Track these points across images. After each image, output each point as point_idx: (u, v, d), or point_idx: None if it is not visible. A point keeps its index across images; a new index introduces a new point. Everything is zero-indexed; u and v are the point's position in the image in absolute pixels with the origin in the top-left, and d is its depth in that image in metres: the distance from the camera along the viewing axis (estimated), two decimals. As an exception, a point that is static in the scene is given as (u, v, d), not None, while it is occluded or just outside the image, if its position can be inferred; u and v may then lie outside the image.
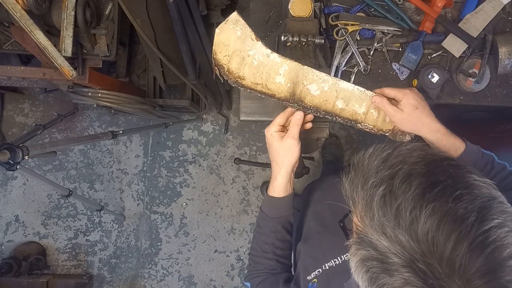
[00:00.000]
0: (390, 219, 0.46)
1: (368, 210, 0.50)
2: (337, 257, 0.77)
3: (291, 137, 0.82)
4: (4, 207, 2.37)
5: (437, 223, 0.43)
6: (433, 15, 1.14)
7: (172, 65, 1.49)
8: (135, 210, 2.37)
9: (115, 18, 1.42)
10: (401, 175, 0.49)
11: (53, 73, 1.38)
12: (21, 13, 1.15)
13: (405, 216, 0.45)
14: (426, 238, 0.43)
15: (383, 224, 0.47)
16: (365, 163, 0.54)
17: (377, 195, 0.48)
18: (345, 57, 1.22)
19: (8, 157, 1.27)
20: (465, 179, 0.47)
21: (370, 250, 0.48)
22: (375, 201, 0.49)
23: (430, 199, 0.45)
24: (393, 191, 0.47)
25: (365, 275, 0.49)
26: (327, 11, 1.22)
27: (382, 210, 0.47)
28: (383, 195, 0.48)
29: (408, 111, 0.80)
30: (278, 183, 0.85)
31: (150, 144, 2.37)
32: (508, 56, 1.16)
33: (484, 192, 0.46)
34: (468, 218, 0.43)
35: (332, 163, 2.21)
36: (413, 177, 0.48)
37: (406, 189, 0.47)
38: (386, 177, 0.50)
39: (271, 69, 0.82)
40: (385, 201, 0.48)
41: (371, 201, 0.49)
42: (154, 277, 2.37)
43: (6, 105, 2.37)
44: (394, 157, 0.52)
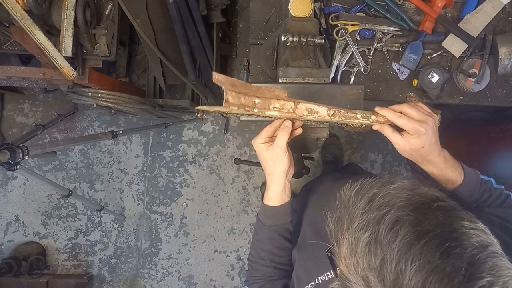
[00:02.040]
0: (375, 271, 0.45)
1: (353, 256, 0.48)
2: (329, 270, 0.75)
3: (278, 147, 0.79)
4: (4, 207, 2.37)
5: (423, 281, 0.41)
6: (433, 15, 1.14)
7: (172, 65, 1.49)
8: (135, 210, 2.37)
9: (115, 18, 1.42)
10: (387, 221, 0.47)
11: (53, 73, 1.38)
12: (21, 13, 1.15)
13: (390, 269, 0.43)
14: None
15: (367, 276, 0.45)
16: (350, 201, 0.53)
17: (362, 242, 0.47)
18: (345, 57, 1.22)
19: (8, 157, 1.27)
20: (454, 227, 0.45)
21: None
22: (360, 247, 0.47)
23: (417, 253, 0.43)
24: (379, 239, 0.46)
25: None
26: (327, 11, 1.22)
27: (367, 258, 0.46)
28: (368, 242, 0.46)
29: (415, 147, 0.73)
30: (272, 192, 0.84)
31: (150, 144, 2.37)
32: (508, 56, 1.16)
33: (474, 242, 0.44)
34: (455, 277, 0.41)
35: (332, 163, 2.21)
36: (399, 225, 0.46)
37: (391, 238, 0.45)
38: (372, 220, 0.48)
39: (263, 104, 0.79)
40: (370, 250, 0.46)
41: (356, 246, 0.48)
42: (154, 277, 2.37)
43: (6, 105, 2.37)
44: (381, 197, 0.50)
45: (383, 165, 2.33)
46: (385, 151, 2.32)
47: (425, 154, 0.74)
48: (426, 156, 0.74)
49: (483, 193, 0.78)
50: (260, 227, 0.88)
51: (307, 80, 1.03)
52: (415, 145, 0.73)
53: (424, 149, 0.73)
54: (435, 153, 0.74)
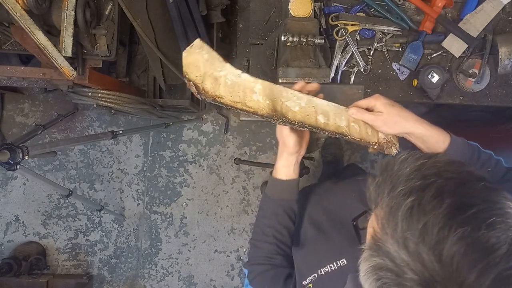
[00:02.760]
0: (415, 234, 0.44)
1: (392, 219, 0.47)
2: (333, 262, 0.76)
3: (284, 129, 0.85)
4: (4, 207, 2.37)
5: (465, 248, 0.41)
6: (433, 15, 1.14)
7: (172, 65, 1.49)
8: (135, 210, 2.37)
9: (115, 18, 1.42)
10: (433, 189, 0.45)
11: (53, 73, 1.38)
12: (21, 13, 1.15)
13: (432, 234, 0.43)
14: (451, 261, 0.41)
15: (406, 237, 0.44)
16: (395, 168, 0.51)
17: (404, 205, 0.46)
18: (345, 57, 1.22)
19: (8, 157, 1.27)
20: (500, 205, 0.45)
21: (385, 260, 0.46)
22: (401, 211, 0.46)
23: (461, 222, 0.42)
24: (422, 205, 0.45)
25: (375, 283, 0.47)
26: (327, 11, 1.22)
27: (407, 222, 0.45)
28: (411, 207, 0.45)
29: (386, 111, 0.80)
30: (279, 164, 0.88)
31: (150, 144, 2.37)
32: (508, 56, 1.16)
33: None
34: (498, 249, 0.41)
35: (332, 163, 2.21)
36: (445, 194, 0.45)
37: (436, 205, 0.44)
38: (417, 188, 0.46)
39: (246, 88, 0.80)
40: (412, 214, 0.45)
41: (396, 210, 0.46)
42: (154, 277, 2.37)
43: (6, 105, 2.37)
44: (428, 167, 0.49)
45: (383, 165, 2.33)
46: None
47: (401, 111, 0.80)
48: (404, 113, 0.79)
49: (473, 153, 0.80)
50: (266, 202, 0.90)
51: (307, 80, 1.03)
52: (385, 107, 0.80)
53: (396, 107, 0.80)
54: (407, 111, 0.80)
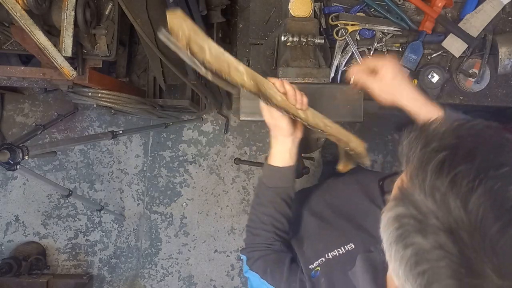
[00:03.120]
0: (444, 183, 0.43)
1: (421, 171, 0.46)
2: (340, 247, 0.76)
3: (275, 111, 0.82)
4: (4, 207, 2.37)
5: (492, 201, 0.41)
6: (433, 15, 1.14)
7: (172, 65, 1.49)
8: (135, 210, 2.37)
9: (115, 18, 1.42)
10: (467, 147, 0.45)
11: (53, 73, 1.38)
12: (21, 13, 1.15)
13: (461, 185, 0.42)
14: (477, 211, 0.41)
15: (435, 187, 0.44)
16: (431, 127, 0.50)
17: (436, 160, 0.45)
18: (345, 57, 1.22)
19: (8, 157, 1.28)
20: None
21: (410, 209, 0.46)
22: (432, 164, 0.45)
23: (493, 176, 0.42)
24: (454, 160, 0.44)
25: (395, 231, 0.47)
26: (327, 11, 1.22)
27: (437, 174, 0.44)
28: (442, 161, 0.45)
29: (387, 80, 0.81)
30: (275, 150, 0.85)
31: (150, 144, 2.37)
32: (508, 56, 1.16)
33: None
34: None
35: (332, 163, 2.21)
36: (479, 152, 0.44)
37: (469, 161, 0.44)
38: (451, 145, 0.46)
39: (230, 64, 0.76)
40: (442, 168, 0.44)
41: (427, 164, 0.46)
42: (154, 277, 2.37)
43: (6, 105, 2.37)
44: (465, 129, 0.48)
45: (383, 165, 2.33)
46: (385, 151, 2.32)
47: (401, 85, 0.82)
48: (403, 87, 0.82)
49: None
50: (262, 189, 0.88)
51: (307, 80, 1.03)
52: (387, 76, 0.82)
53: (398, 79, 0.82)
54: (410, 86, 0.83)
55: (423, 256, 0.43)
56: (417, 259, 0.44)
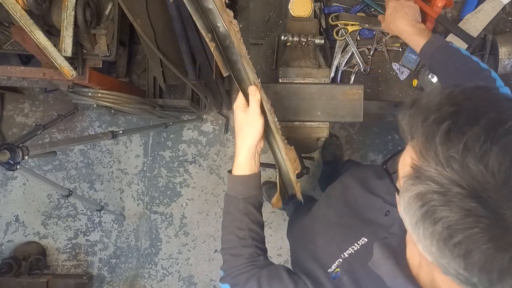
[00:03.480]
0: (459, 151, 0.43)
1: (430, 145, 0.46)
2: (354, 244, 0.76)
3: (251, 113, 0.83)
4: (4, 207, 2.37)
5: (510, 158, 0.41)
6: (433, 15, 1.14)
7: (172, 65, 1.49)
8: (135, 210, 2.37)
9: (115, 18, 1.42)
10: (466, 111, 0.45)
11: (53, 73, 1.38)
12: (21, 13, 1.15)
13: (475, 150, 0.42)
14: (499, 169, 0.41)
15: (450, 156, 0.44)
16: (423, 101, 0.50)
17: (441, 130, 0.45)
18: (345, 57, 1.22)
19: (8, 157, 1.27)
20: None
21: (430, 184, 0.45)
22: (439, 136, 0.45)
23: (502, 134, 0.42)
24: (459, 126, 0.44)
25: (419, 209, 0.46)
26: (327, 11, 1.22)
27: (447, 144, 0.44)
28: (448, 130, 0.45)
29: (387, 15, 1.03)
30: (242, 159, 0.85)
31: (150, 144, 2.37)
32: (508, 56, 1.16)
33: None
34: None
35: (332, 163, 2.21)
36: (480, 113, 0.44)
37: (474, 123, 0.44)
38: (450, 113, 0.46)
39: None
40: (450, 137, 0.44)
41: (433, 137, 0.46)
42: (154, 277, 2.37)
43: (6, 105, 2.37)
44: (457, 94, 0.49)
45: (383, 165, 2.33)
46: (385, 151, 2.32)
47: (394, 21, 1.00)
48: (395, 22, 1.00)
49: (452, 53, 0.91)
50: (233, 204, 0.86)
51: (307, 80, 1.03)
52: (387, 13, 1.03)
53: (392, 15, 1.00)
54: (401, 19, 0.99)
55: (455, 228, 0.42)
56: (450, 232, 0.43)
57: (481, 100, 0.47)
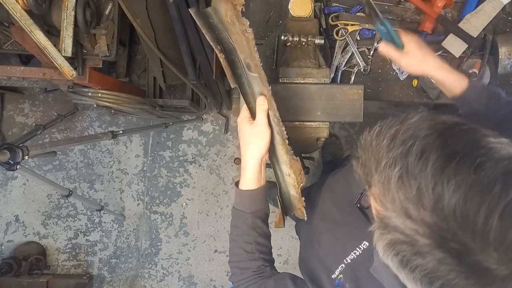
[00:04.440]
0: (413, 200, 0.44)
1: (387, 193, 0.47)
2: (356, 248, 0.75)
3: (259, 124, 0.80)
4: (4, 207, 2.37)
5: (463, 197, 0.41)
6: (433, 15, 1.14)
7: (172, 65, 1.49)
8: (135, 210, 2.37)
9: (115, 18, 1.42)
10: (414, 152, 0.45)
11: (53, 73, 1.38)
12: (21, 13, 1.15)
13: (428, 195, 0.43)
14: (454, 215, 0.41)
15: (406, 207, 0.45)
16: (373, 144, 0.51)
17: (394, 177, 0.46)
18: (345, 57, 1.22)
19: (8, 157, 1.27)
20: (481, 144, 0.45)
21: (396, 234, 0.46)
22: (392, 183, 0.46)
23: (451, 173, 0.42)
24: (410, 171, 0.45)
25: (395, 258, 0.47)
26: (327, 11, 1.22)
27: (402, 191, 0.45)
28: (400, 176, 0.45)
29: (413, 52, 0.89)
30: (250, 173, 0.83)
31: (150, 144, 2.37)
32: (508, 56, 1.16)
33: (504, 154, 0.44)
34: (494, 187, 0.41)
35: (332, 163, 2.21)
36: (427, 152, 0.45)
37: (423, 166, 0.44)
38: (399, 155, 0.46)
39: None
40: (403, 183, 0.45)
41: (388, 184, 0.47)
42: (154, 277, 2.37)
43: (6, 105, 2.37)
44: (403, 132, 0.49)
45: (383, 165, 2.33)
46: (385, 151, 2.32)
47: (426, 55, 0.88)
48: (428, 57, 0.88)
49: (490, 97, 0.85)
50: (241, 218, 0.86)
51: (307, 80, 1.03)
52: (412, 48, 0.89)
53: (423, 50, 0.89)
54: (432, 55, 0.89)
55: (433, 275, 0.44)
56: (429, 278, 0.44)
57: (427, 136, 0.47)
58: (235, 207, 0.87)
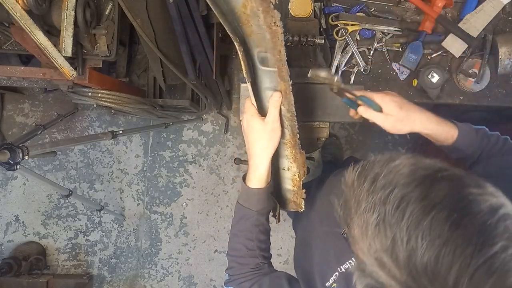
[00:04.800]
0: (387, 251, 0.44)
1: (365, 238, 0.48)
2: (351, 258, 0.75)
3: (272, 120, 0.78)
4: (4, 207, 2.37)
5: (435, 256, 0.41)
6: (433, 15, 1.14)
7: (172, 65, 1.49)
8: (135, 210, 2.37)
9: (115, 18, 1.42)
10: (392, 200, 0.46)
11: (53, 73, 1.38)
12: (21, 13, 1.15)
13: (402, 248, 0.43)
14: (425, 272, 0.42)
15: (381, 256, 0.45)
16: (355, 184, 0.51)
17: (371, 224, 0.46)
18: (345, 57, 1.22)
19: (8, 157, 1.27)
20: (461, 196, 0.44)
21: (372, 281, 0.47)
22: (370, 230, 0.46)
23: (426, 228, 0.42)
24: (387, 220, 0.45)
25: None
26: (327, 11, 1.22)
27: (379, 239, 0.45)
28: (377, 224, 0.46)
29: (395, 114, 0.80)
30: (262, 171, 0.80)
31: (150, 144, 2.37)
32: (508, 56, 1.16)
33: (483, 207, 0.43)
34: (467, 248, 0.40)
35: (332, 163, 2.21)
36: (405, 202, 0.45)
37: (399, 217, 0.44)
38: (378, 201, 0.47)
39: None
40: (379, 231, 0.45)
41: (366, 229, 0.47)
42: (154, 277, 2.37)
43: (6, 105, 2.37)
44: (384, 176, 0.49)
45: (383, 165, 2.33)
46: (385, 151, 2.32)
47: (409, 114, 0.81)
48: (413, 115, 0.81)
49: (482, 140, 0.82)
50: (246, 215, 0.84)
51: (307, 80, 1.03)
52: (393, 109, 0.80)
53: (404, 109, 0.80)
54: (417, 109, 0.81)
55: None
56: None
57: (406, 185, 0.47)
58: (241, 204, 0.85)
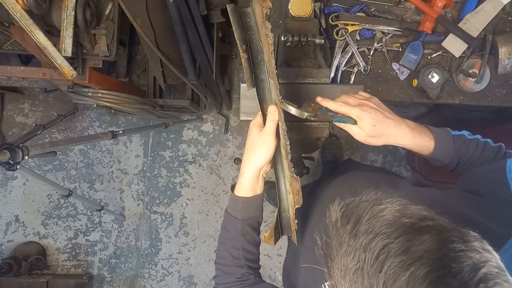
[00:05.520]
0: None
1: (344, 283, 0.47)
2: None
3: (266, 133, 0.79)
4: (4, 207, 2.37)
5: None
6: (433, 15, 1.14)
7: (172, 65, 1.48)
8: (135, 210, 2.37)
9: (115, 18, 1.42)
10: (373, 249, 0.45)
11: (53, 73, 1.38)
12: (21, 13, 1.15)
13: None
14: None
15: None
16: (338, 224, 0.51)
17: (350, 270, 0.46)
18: (345, 57, 1.22)
19: (8, 157, 1.27)
20: (442, 252, 0.43)
21: None
22: (349, 275, 0.46)
23: (403, 285, 0.41)
24: (365, 269, 0.44)
25: None
26: (327, 11, 1.22)
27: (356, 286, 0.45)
28: (356, 271, 0.45)
29: (368, 131, 0.78)
30: (246, 179, 0.80)
31: (150, 144, 2.37)
32: (508, 56, 1.16)
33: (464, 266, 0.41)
34: None
35: (332, 163, 2.21)
36: (385, 254, 0.44)
37: (377, 268, 0.43)
38: (359, 247, 0.46)
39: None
40: (357, 279, 0.45)
41: (345, 273, 0.47)
42: (154, 277, 2.37)
43: (6, 105, 2.37)
44: (367, 220, 0.48)
45: (383, 165, 2.33)
46: (385, 151, 2.32)
47: (383, 131, 0.78)
48: (386, 132, 0.78)
49: (460, 148, 0.80)
50: (231, 223, 0.83)
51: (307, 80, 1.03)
52: (367, 126, 0.77)
53: (378, 126, 0.77)
54: (392, 125, 0.78)
55: None
56: None
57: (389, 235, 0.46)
58: (227, 211, 0.85)
